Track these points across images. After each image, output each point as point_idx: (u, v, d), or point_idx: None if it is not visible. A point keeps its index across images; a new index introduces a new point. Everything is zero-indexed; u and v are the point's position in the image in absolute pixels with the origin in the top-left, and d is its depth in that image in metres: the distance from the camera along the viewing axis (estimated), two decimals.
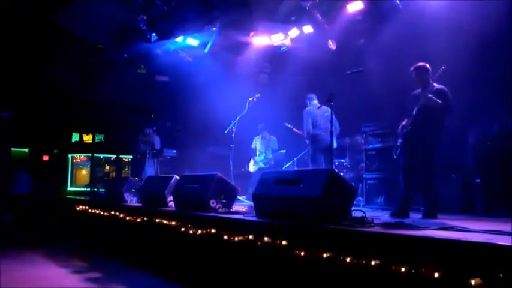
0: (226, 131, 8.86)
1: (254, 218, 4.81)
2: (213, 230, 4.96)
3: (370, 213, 4.62)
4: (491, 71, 7.17)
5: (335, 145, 7.96)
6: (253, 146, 10.47)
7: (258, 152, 10.31)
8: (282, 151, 10.24)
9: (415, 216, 5.60)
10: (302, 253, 3.72)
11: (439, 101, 5.60)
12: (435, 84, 5.77)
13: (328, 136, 7.44)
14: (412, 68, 5.94)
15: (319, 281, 3.63)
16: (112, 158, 14.99)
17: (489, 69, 7.21)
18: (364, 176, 8.34)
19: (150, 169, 11.40)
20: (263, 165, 10.08)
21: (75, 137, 16.05)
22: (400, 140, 6.03)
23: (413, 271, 2.88)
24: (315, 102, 8.62)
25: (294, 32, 10.40)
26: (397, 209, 5.78)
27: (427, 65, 5.86)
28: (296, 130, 9.24)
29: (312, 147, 8.47)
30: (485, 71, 7.25)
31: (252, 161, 10.37)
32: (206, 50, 11.30)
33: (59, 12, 10.87)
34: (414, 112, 5.78)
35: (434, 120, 5.70)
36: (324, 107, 8.38)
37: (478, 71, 7.22)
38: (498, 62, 6.96)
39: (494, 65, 7.09)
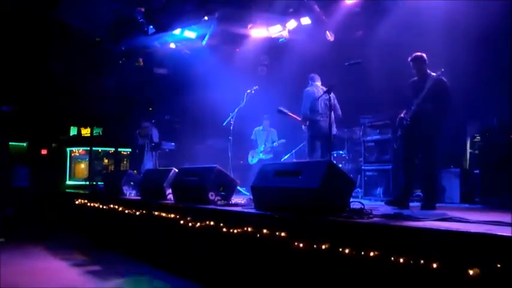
0: (224, 124, 8.85)
1: (253, 210, 4.81)
2: (212, 223, 4.97)
3: (368, 205, 4.63)
4: (491, 64, 7.18)
5: (335, 131, 7.57)
6: (253, 137, 10.47)
7: (259, 145, 10.32)
8: (281, 140, 10.19)
9: (414, 207, 5.63)
10: (301, 245, 3.73)
11: (433, 105, 5.65)
12: (433, 74, 5.79)
13: (327, 123, 6.98)
14: (409, 59, 5.95)
15: (318, 272, 3.64)
16: (110, 151, 14.97)
17: (488, 63, 7.21)
18: (362, 167, 8.35)
19: (149, 162, 11.40)
20: (263, 157, 10.09)
21: (73, 131, 16.02)
22: (399, 132, 6.05)
23: (412, 262, 2.89)
24: (318, 83, 8.06)
25: (292, 24, 10.36)
26: (395, 198, 5.82)
27: (424, 55, 5.87)
28: (292, 114, 8.49)
29: (309, 133, 7.92)
30: (484, 64, 7.25)
31: (251, 153, 10.37)
32: (204, 43, 11.26)
33: (57, 5, 10.82)
34: (413, 108, 5.80)
35: (432, 117, 5.73)
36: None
37: (478, 64, 7.22)
38: (497, 55, 6.97)
39: (494, 58, 7.10)
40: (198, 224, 5.19)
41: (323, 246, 3.52)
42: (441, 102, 5.69)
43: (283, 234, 3.97)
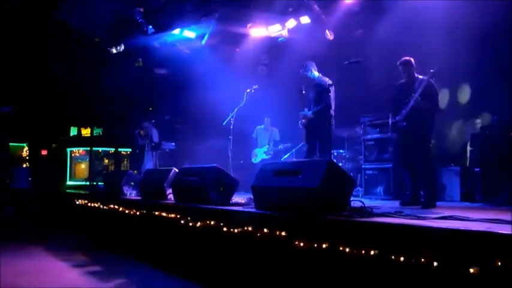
0: (224, 123, 8.84)
1: (253, 210, 4.80)
2: (212, 222, 4.96)
3: (369, 204, 4.62)
4: (491, 63, 7.19)
5: None
6: (254, 135, 10.47)
7: (260, 143, 10.32)
8: (287, 144, 10.19)
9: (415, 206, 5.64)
10: (301, 244, 3.73)
11: (427, 104, 5.77)
12: (420, 76, 5.94)
13: None
14: (398, 63, 6.11)
15: (318, 272, 3.64)
16: (111, 152, 14.96)
17: (488, 62, 7.22)
18: (363, 166, 8.35)
19: (149, 162, 11.40)
20: (266, 157, 10.10)
21: (73, 131, 16.02)
22: (396, 134, 6.16)
23: (412, 260, 2.89)
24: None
25: (291, 23, 10.36)
26: (408, 198, 5.90)
27: (412, 59, 6.04)
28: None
29: (332, 129, 6.81)
30: (484, 64, 7.26)
31: (254, 153, 10.38)
32: (203, 42, 11.27)
33: (57, 5, 10.82)
34: (405, 110, 5.87)
35: (426, 117, 5.86)
36: None
37: (478, 64, 7.23)
38: (497, 55, 6.98)
39: (494, 57, 7.10)
40: (199, 224, 5.19)
41: (323, 246, 3.52)
42: (432, 103, 5.82)
43: (283, 233, 3.96)
